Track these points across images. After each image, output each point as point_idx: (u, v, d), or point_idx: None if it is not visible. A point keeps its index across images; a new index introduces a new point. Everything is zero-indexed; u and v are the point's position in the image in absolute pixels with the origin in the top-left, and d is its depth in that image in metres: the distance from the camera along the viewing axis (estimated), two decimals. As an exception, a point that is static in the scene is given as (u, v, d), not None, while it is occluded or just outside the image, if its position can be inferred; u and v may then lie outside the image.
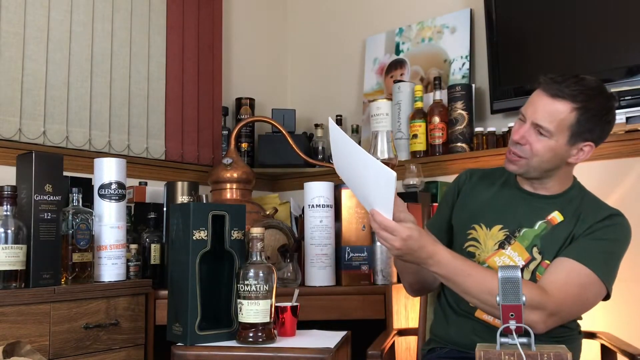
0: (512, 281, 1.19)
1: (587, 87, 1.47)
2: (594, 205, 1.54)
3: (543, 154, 1.48)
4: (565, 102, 1.45)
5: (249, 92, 2.92)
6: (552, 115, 1.45)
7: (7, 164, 2.03)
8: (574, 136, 1.46)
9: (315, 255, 2.00)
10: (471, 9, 2.60)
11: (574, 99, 1.45)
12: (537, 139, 1.47)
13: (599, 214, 1.50)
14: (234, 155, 2.37)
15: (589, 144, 1.49)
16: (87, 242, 1.77)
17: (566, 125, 1.45)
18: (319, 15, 3.16)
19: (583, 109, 1.45)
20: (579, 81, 1.48)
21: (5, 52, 2.09)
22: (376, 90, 2.85)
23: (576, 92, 1.45)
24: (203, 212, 1.59)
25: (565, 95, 1.45)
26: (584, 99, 1.45)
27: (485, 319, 1.52)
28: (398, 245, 1.35)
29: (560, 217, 1.52)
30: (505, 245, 1.54)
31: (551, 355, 1.12)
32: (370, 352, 1.56)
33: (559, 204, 1.54)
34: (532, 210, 1.55)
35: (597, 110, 1.46)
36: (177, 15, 2.64)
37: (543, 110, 1.46)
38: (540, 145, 1.47)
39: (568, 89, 1.45)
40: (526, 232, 1.53)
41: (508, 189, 1.62)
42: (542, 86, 1.49)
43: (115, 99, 2.40)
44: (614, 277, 1.49)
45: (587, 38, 2.22)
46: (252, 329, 1.53)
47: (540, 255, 1.50)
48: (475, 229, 1.60)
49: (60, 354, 1.64)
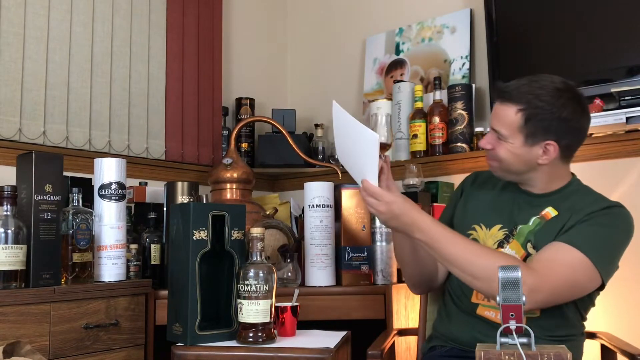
0: (512, 281, 1.19)
1: (534, 87, 1.48)
2: (592, 198, 1.53)
3: (506, 158, 1.50)
4: (510, 105, 1.48)
5: (249, 92, 2.92)
6: (502, 119, 1.49)
7: (7, 164, 2.03)
8: (529, 137, 1.47)
9: (315, 255, 2.00)
10: (471, 9, 2.60)
11: (517, 100, 1.47)
12: (499, 143, 1.51)
13: (597, 204, 1.48)
14: (234, 155, 2.37)
15: (550, 142, 1.47)
16: (87, 242, 1.77)
17: (516, 128, 1.47)
18: (319, 15, 3.16)
19: (528, 110, 1.46)
20: (530, 82, 1.49)
21: (5, 52, 2.09)
22: (376, 90, 2.85)
23: (520, 94, 1.47)
24: (203, 212, 1.59)
25: (511, 98, 1.48)
26: (527, 100, 1.46)
27: (486, 316, 1.53)
28: (382, 210, 1.44)
29: (554, 212, 1.52)
30: (504, 244, 1.55)
31: (551, 355, 1.12)
32: (370, 352, 1.56)
33: (555, 201, 1.54)
34: (527, 208, 1.56)
35: (545, 109, 1.46)
36: (177, 15, 2.64)
37: (496, 115, 1.51)
38: (502, 149, 1.50)
39: (515, 91, 1.48)
40: (521, 229, 1.54)
41: (509, 189, 1.63)
42: (496, 93, 1.55)
43: (115, 99, 2.40)
44: (612, 265, 1.46)
45: (587, 38, 2.22)
46: (252, 329, 1.53)
47: (535, 250, 1.50)
48: (475, 229, 1.61)
49: (60, 354, 1.64)
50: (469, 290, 1.57)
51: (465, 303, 1.58)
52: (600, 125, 2.01)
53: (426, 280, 1.68)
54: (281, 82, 3.22)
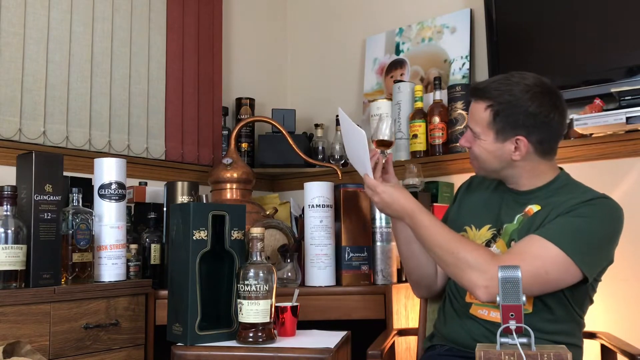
0: (512, 281, 1.19)
1: (504, 84, 1.49)
2: (578, 191, 1.51)
3: (481, 155, 1.54)
4: (479, 102, 1.52)
5: (249, 92, 2.92)
6: (474, 117, 1.53)
7: (7, 164, 2.03)
8: (499, 133, 1.49)
9: (315, 255, 2.00)
10: (471, 9, 2.60)
11: (485, 96, 1.50)
12: (474, 141, 1.55)
13: (580, 197, 1.46)
14: (234, 155, 2.37)
15: (519, 138, 1.48)
16: (87, 242, 1.77)
17: (486, 124, 1.50)
18: (319, 15, 3.16)
19: (495, 105, 1.48)
20: (501, 79, 1.51)
21: (5, 52, 2.09)
22: (376, 90, 2.85)
23: (488, 90, 1.50)
24: (203, 212, 1.59)
25: (480, 95, 1.52)
26: (494, 95, 1.49)
27: (479, 315, 1.53)
28: (376, 199, 1.59)
29: (537, 208, 1.52)
30: (491, 243, 1.57)
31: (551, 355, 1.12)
32: (370, 352, 1.56)
33: (541, 197, 1.54)
34: (514, 206, 1.57)
35: (512, 104, 1.47)
36: (177, 15, 2.64)
37: (470, 113, 1.56)
38: (476, 147, 1.54)
39: (485, 88, 1.51)
40: (507, 228, 1.55)
41: (499, 189, 1.64)
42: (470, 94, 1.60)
43: (115, 99, 2.40)
44: (594, 257, 1.43)
45: (587, 38, 2.22)
46: (252, 329, 1.53)
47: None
48: (466, 230, 1.63)
49: (60, 354, 1.64)
50: (464, 290, 1.57)
51: (460, 303, 1.59)
52: (600, 125, 2.01)
53: (425, 278, 1.71)
54: (281, 82, 3.22)
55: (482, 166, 1.57)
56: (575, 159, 2.16)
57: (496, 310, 1.50)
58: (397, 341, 1.87)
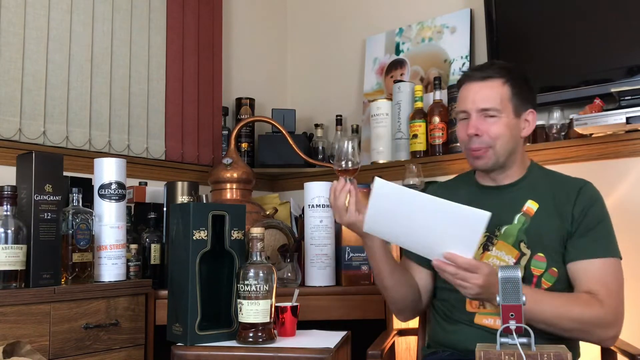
0: (512, 281, 1.19)
1: (502, 65, 1.59)
2: (562, 184, 1.57)
3: (503, 134, 1.53)
4: (494, 80, 1.54)
5: (249, 92, 2.92)
6: (491, 95, 1.53)
7: (7, 164, 2.02)
8: (517, 107, 1.54)
9: (315, 255, 2.00)
10: (471, 9, 2.60)
11: (500, 74, 1.54)
12: (490, 122, 1.53)
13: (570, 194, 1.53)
14: (234, 155, 2.37)
15: (531, 110, 1.57)
16: (87, 242, 1.77)
17: (507, 99, 1.53)
18: (319, 15, 3.16)
19: (511, 80, 1.54)
20: (492, 63, 1.62)
21: (5, 52, 2.09)
22: (376, 90, 2.85)
23: (498, 69, 1.56)
24: (203, 212, 1.59)
25: (492, 74, 1.54)
26: (507, 72, 1.55)
27: (485, 324, 1.52)
28: (481, 282, 1.35)
29: (535, 205, 1.54)
30: (489, 246, 1.55)
31: (551, 355, 1.12)
32: (370, 352, 1.56)
33: (527, 190, 1.56)
34: (505, 205, 1.56)
35: (521, 79, 1.57)
36: (177, 15, 2.64)
37: (480, 95, 1.53)
38: (496, 127, 1.52)
39: (490, 69, 1.56)
40: (508, 229, 1.54)
41: (472, 191, 1.64)
42: (467, 79, 1.57)
43: (115, 99, 2.40)
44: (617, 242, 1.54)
45: (587, 38, 2.22)
46: (252, 329, 1.53)
47: (529, 250, 1.51)
48: None
49: (60, 354, 1.64)
50: (461, 300, 1.55)
51: (461, 312, 1.56)
52: (600, 125, 2.01)
53: (411, 303, 1.64)
54: (281, 82, 3.22)
55: (499, 149, 1.52)
56: (575, 159, 2.16)
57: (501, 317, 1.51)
58: (397, 341, 1.87)
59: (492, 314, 1.51)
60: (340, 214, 1.51)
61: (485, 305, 1.52)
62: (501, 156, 1.54)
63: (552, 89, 2.26)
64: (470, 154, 1.56)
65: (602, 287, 1.46)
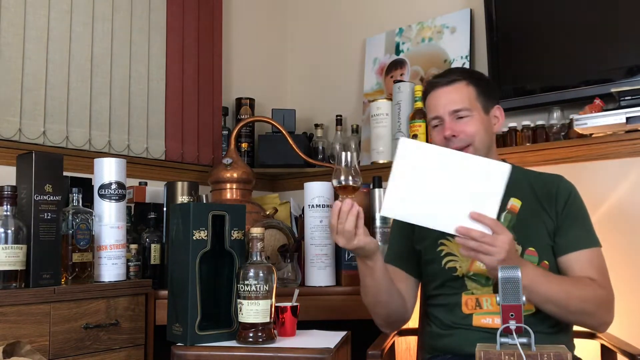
0: (512, 281, 1.19)
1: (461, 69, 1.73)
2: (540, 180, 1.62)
3: (478, 131, 1.57)
4: (459, 82, 1.60)
5: (249, 92, 2.92)
6: (460, 97, 1.58)
7: (7, 164, 2.02)
8: (485, 105, 1.60)
9: (315, 255, 2.00)
10: (471, 9, 2.60)
11: (462, 76, 1.61)
12: (464, 122, 1.57)
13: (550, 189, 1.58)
14: (234, 155, 2.37)
15: (497, 106, 1.65)
16: (87, 242, 1.77)
17: (474, 98, 1.59)
18: (319, 15, 3.16)
19: (474, 81, 1.61)
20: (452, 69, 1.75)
21: (5, 52, 2.09)
22: (376, 90, 2.84)
23: (460, 72, 1.64)
24: (203, 212, 1.59)
25: (456, 77, 1.60)
26: (468, 75, 1.63)
27: (484, 324, 1.52)
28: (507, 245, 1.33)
29: (518, 203, 1.58)
30: None
31: (551, 355, 1.12)
32: (370, 352, 1.56)
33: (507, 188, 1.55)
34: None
35: (482, 78, 1.66)
36: (177, 15, 2.64)
37: (449, 98, 1.59)
38: (470, 125, 1.57)
39: (453, 74, 1.63)
40: None
41: None
42: (433, 86, 1.63)
43: (115, 99, 2.40)
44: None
45: (587, 38, 2.22)
46: (252, 329, 1.53)
47: (520, 246, 1.53)
48: (444, 243, 1.61)
49: (60, 354, 1.64)
50: (457, 304, 1.56)
51: (458, 316, 1.57)
52: (600, 125, 2.01)
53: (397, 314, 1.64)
54: (281, 82, 3.22)
55: (478, 145, 1.57)
56: (575, 159, 2.16)
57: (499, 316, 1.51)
58: (397, 341, 1.87)
59: (490, 313, 1.52)
60: (347, 238, 1.44)
61: (482, 306, 1.53)
62: (481, 151, 1.57)
63: (552, 89, 2.26)
64: None
65: (598, 273, 1.52)
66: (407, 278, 1.68)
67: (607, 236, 2.03)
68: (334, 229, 1.45)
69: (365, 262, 1.53)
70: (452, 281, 1.59)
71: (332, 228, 1.45)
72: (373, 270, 1.53)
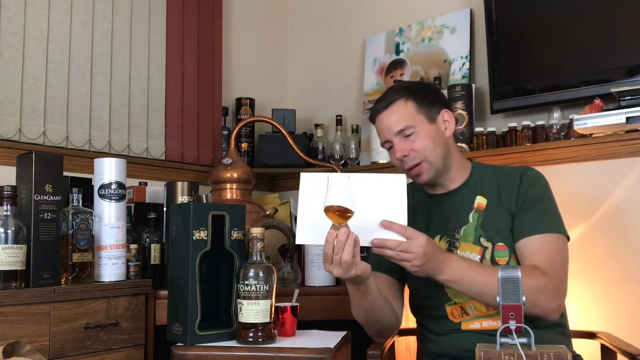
0: (512, 281, 1.19)
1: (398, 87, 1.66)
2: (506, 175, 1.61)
3: (427, 144, 1.57)
4: (396, 102, 1.60)
5: (249, 92, 2.92)
6: (400, 116, 1.58)
7: (7, 164, 2.03)
8: (428, 114, 1.60)
9: (315, 255, 2.00)
10: (471, 9, 2.60)
11: (398, 94, 1.60)
12: (411, 139, 1.58)
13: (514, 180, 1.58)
14: (234, 155, 2.37)
15: (444, 111, 1.63)
16: (87, 242, 1.77)
17: (414, 112, 1.58)
18: (319, 15, 3.16)
19: (411, 95, 1.60)
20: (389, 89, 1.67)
21: (5, 52, 2.09)
22: (376, 91, 2.84)
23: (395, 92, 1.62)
24: (203, 212, 1.59)
25: (392, 99, 1.60)
26: (403, 90, 1.62)
27: (472, 329, 1.53)
28: (422, 249, 1.37)
29: (484, 200, 1.59)
30: (453, 251, 1.57)
31: (551, 355, 1.12)
32: (370, 352, 1.56)
33: (473, 188, 1.60)
34: (457, 208, 1.60)
35: (420, 88, 1.65)
36: (177, 15, 2.64)
37: (390, 121, 1.59)
38: (417, 141, 1.57)
39: (389, 95, 1.62)
40: (465, 229, 1.57)
41: (422, 201, 1.67)
42: (375, 113, 1.63)
43: (115, 99, 2.40)
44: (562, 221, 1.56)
45: (587, 38, 2.22)
46: (252, 329, 1.53)
47: (490, 242, 1.54)
48: None
49: (60, 354, 1.64)
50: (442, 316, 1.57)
51: (446, 325, 1.58)
52: (600, 125, 2.01)
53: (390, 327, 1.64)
54: (281, 82, 3.22)
55: (432, 159, 1.57)
56: (575, 159, 2.16)
57: (487, 318, 1.53)
58: (397, 341, 1.87)
59: (477, 317, 1.54)
60: (345, 268, 1.37)
61: (468, 312, 1.54)
62: (437, 162, 1.59)
63: (552, 89, 2.26)
64: (410, 174, 1.61)
65: (545, 260, 1.47)
66: (391, 283, 1.67)
67: (606, 236, 2.04)
68: (329, 259, 1.38)
69: (358, 287, 1.49)
70: (433, 291, 1.58)
71: (327, 258, 1.38)
72: (366, 294, 1.51)
